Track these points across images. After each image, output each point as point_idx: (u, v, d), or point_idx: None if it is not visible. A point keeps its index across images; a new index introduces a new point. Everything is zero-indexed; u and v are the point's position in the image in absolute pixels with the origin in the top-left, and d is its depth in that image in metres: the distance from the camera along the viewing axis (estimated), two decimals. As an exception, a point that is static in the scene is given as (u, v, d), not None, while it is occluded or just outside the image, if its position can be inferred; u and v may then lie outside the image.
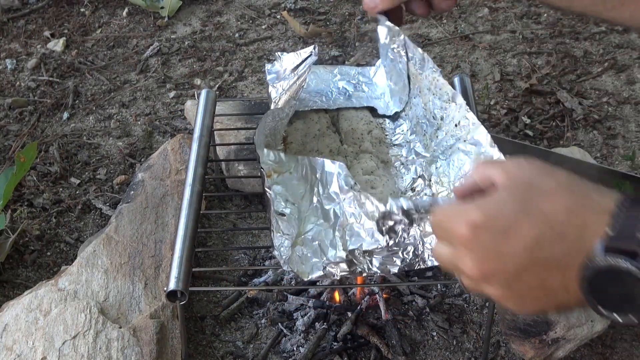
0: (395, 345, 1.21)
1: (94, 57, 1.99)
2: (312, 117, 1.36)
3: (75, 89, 1.86)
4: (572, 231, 0.59)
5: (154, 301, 1.16)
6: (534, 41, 1.96)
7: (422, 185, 1.21)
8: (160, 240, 1.26)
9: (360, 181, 1.20)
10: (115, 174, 1.60)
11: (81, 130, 1.74)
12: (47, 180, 1.58)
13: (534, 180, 0.64)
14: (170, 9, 2.13)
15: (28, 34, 2.09)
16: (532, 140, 1.63)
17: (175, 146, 1.46)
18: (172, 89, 1.85)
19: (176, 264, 1.00)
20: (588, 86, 1.80)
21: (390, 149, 1.32)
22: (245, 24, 2.11)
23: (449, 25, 2.04)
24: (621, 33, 1.97)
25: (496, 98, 1.76)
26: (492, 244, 0.62)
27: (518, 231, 0.61)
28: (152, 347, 1.08)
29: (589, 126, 1.68)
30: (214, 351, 1.20)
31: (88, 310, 1.11)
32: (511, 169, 0.67)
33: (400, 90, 1.35)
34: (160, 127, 1.73)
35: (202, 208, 1.14)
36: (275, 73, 1.36)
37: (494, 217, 0.62)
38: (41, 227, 1.47)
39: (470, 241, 0.63)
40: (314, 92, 1.40)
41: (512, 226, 0.61)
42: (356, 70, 1.46)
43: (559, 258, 0.60)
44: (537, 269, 0.60)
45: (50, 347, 1.06)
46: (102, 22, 2.14)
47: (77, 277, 1.18)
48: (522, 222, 0.61)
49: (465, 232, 0.63)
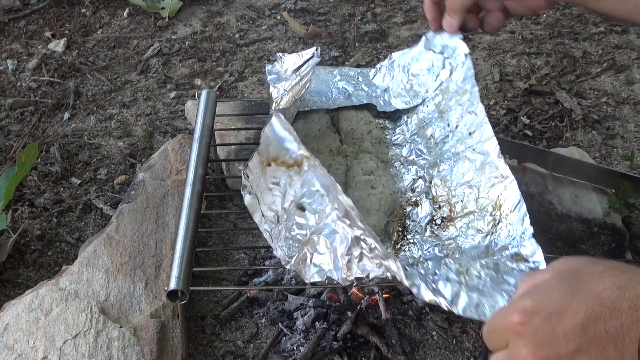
0: (395, 344, 1.21)
1: (94, 58, 1.99)
2: (312, 117, 1.36)
3: (76, 89, 1.86)
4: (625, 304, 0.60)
5: (154, 301, 1.17)
6: (533, 42, 1.96)
7: (422, 187, 1.21)
8: (160, 240, 1.27)
9: (360, 181, 1.20)
10: (116, 174, 1.61)
11: (82, 130, 1.74)
12: (48, 180, 1.59)
13: (581, 267, 0.66)
14: (170, 10, 2.13)
15: (29, 35, 2.09)
16: (531, 141, 1.63)
17: (175, 146, 1.46)
18: (173, 90, 1.86)
19: (177, 263, 1.00)
20: (587, 86, 1.80)
21: (390, 149, 1.32)
22: (245, 24, 2.11)
23: (448, 26, 2.04)
24: (620, 34, 1.97)
25: (495, 98, 1.77)
26: (546, 327, 0.62)
27: (569, 311, 0.61)
28: (152, 347, 1.09)
29: (588, 126, 1.68)
30: (214, 350, 1.21)
31: (89, 310, 1.11)
32: (556, 263, 0.69)
33: (406, 92, 1.36)
34: (160, 127, 1.74)
35: (203, 208, 1.14)
36: (276, 74, 1.36)
37: (545, 301, 0.63)
38: (42, 227, 1.47)
39: (523, 328, 0.63)
40: (314, 92, 1.40)
41: (563, 307, 0.62)
42: (356, 71, 1.47)
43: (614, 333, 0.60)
44: (592, 347, 0.61)
45: (51, 347, 1.06)
46: (102, 23, 2.14)
47: (78, 276, 1.18)
48: (573, 303, 0.62)
49: (517, 319, 0.63)
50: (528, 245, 0.98)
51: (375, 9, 2.15)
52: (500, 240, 1.03)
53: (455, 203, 1.14)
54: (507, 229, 1.03)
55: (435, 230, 1.13)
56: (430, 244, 1.11)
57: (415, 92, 1.36)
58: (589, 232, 1.30)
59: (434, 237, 1.12)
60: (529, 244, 0.98)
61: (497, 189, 1.08)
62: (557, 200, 1.35)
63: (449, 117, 1.24)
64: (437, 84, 1.32)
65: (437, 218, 1.14)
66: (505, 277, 0.93)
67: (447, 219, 1.14)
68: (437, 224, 1.14)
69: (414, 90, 1.36)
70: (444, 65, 1.31)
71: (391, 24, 2.08)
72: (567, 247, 1.28)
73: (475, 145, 1.16)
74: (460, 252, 1.06)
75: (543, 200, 1.35)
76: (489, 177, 1.11)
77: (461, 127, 1.20)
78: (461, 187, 1.15)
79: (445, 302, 0.86)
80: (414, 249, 1.12)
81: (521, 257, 0.97)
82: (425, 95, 1.33)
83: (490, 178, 1.10)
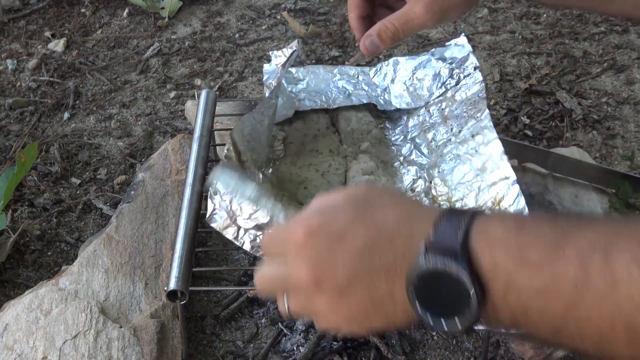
0: (395, 344, 1.21)
1: (94, 58, 1.99)
2: (311, 117, 1.36)
3: (75, 89, 1.86)
4: (400, 239, 0.61)
5: (154, 301, 1.17)
6: (534, 41, 1.96)
7: (422, 186, 1.21)
8: (160, 240, 1.27)
9: (359, 182, 1.20)
10: (116, 174, 1.61)
11: (82, 130, 1.74)
12: (47, 180, 1.59)
13: (369, 195, 0.66)
14: (170, 10, 2.13)
15: (29, 35, 2.09)
16: (531, 141, 1.63)
17: (175, 146, 1.46)
18: (173, 89, 1.86)
19: (176, 263, 1.00)
20: (587, 86, 1.80)
21: (390, 149, 1.32)
22: (245, 24, 2.11)
23: (448, 26, 2.04)
24: (620, 34, 1.97)
25: (495, 98, 1.77)
26: (327, 248, 0.62)
27: (351, 237, 0.62)
28: (152, 347, 1.09)
29: (588, 126, 1.68)
30: (214, 350, 1.21)
31: (89, 310, 1.11)
32: (351, 188, 0.71)
33: (408, 94, 1.36)
34: (160, 127, 1.74)
35: (203, 208, 1.14)
36: (268, 73, 1.36)
37: (330, 222, 0.64)
38: (42, 227, 1.47)
39: (305, 244, 0.63)
40: (314, 92, 1.40)
41: (346, 232, 0.62)
42: (356, 70, 1.47)
43: (387, 265, 0.60)
44: (366, 275, 0.61)
45: (51, 347, 1.06)
46: (102, 23, 2.14)
47: (77, 276, 1.18)
48: (356, 228, 0.62)
49: (302, 234, 0.63)
50: None
51: (375, 8, 2.15)
52: None
53: (455, 202, 1.14)
54: None
55: (435, 230, 1.13)
56: None
57: (418, 95, 1.36)
58: (589, 232, 1.30)
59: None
60: None
61: (498, 187, 1.08)
62: (557, 200, 1.35)
63: (453, 123, 1.24)
64: (442, 90, 1.32)
65: (437, 218, 1.15)
66: None
67: (447, 219, 1.14)
68: None
69: (416, 93, 1.36)
70: (452, 75, 1.31)
71: (391, 23, 2.08)
72: (568, 247, 1.27)
73: (478, 147, 1.16)
74: None
75: (543, 200, 1.35)
76: (490, 177, 1.11)
77: (464, 131, 1.21)
78: (462, 187, 1.15)
79: None
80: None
81: None
82: (428, 99, 1.34)
83: (491, 178, 1.11)
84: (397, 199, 0.67)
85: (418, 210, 0.64)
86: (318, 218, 0.64)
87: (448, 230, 0.58)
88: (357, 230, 0.62)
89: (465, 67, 1.30)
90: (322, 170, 1.24)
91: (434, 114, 1.30)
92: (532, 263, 0.55)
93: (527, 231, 0.58)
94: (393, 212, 0.63)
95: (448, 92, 1.30)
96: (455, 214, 0.60)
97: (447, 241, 0.58)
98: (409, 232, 0.61)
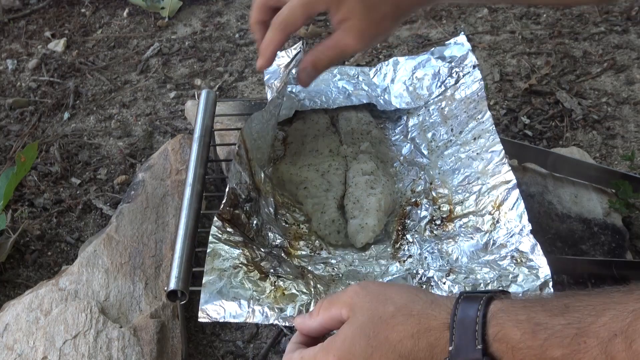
0: (395, 344, 1.21)
1: (94, 58, 1.99)
2: (311, 117, 1.36)
3: (75, 89, 1.86)
4: (421, 355, 0.62)
5: (154, 301, 1.17)
6: (534, 41, 1.96)
7: (422, 187, 1.21)
8: (160, 240, 1.27)
9: (359, 181, 1.20)
10: (116, 174, 1.61)
11: (82, 130, 1.74)
12: (47, 180, 1.59)
13: (374, 308, 0.67)
14: (170, 10, 2.13)
15: (29, 35, 2.09)
16: (531, 141, 1.63)
17: (175, 146, 1.46)
18: (173, 89, 1.86)
19: (176, 263, 1.00)
20: (587, 86, 1.80)
21: (390, 149, 1.32)
22: (245, 24, 2.11)
23: (448, 26, 2.04)
24: (620, 34, 1.97)
25: (495, 98, 1.77)
26: None
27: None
28: (152, 347, 1.09)
29: (588, 126, 1.68)
30: (214, 350, 1.21)
31: (89, 310, 1.11)
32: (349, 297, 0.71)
33: (408, 93, 1.36)
34: (160, 127, 1.74)
35: (203, 208, 1.14)
36: (270, 73, 1.36)
37: (348, 357, 0.65)
38: (42, 227, 1.47)
39: None
40: (314, 92, 1.40)
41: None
42: (356, 70, 1.47)
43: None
44: None
45: (51, 347, 1.06)
46: (102, 23, 2.14)
47: (77, 276, 1.18)
48: (374, 357, 0.64)
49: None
50: (526, 241, 0.98)
51: (375, 8, 2.15)
52: (499, 238, 1.04)
53: (455, 204, 1.14)
54: (505, 227, 1.04)
55: (434, 230, 1.13)
56: (430, 244, 1.11)
57: (418, 95, 1.36)
58: (589, 232, 1.30)
59: (434, 236, 1.12)
60: (527, 240, 0.98)
61: (498, 191, 1.08)
62: (557, 200, 1.35)
63: (453, 123, 1.24)
64: (441, 89, 1.32)
65: (437, 218, 1.14)
66: (513, 293, 0.93)
67: (446, 219, 1.14)
68: (436, 224, 1.14)
69: (416, 93, 1.36)
70: (451, 74, 1.31)
71: (391, 23, 2.08)
72: (567, 247, 1.27)
73: (479, 149, 1.16)
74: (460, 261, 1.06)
75: (543, 200, 1.35)
76: (491, 180, 1.11)
77: (465, 133, 1.20)
78: (462, 189, 1.15)
79: None
80: (413, 248, 1.12)
81: (522, 254, 0.98)
82: (427, 98, 1.34)
83: (492, 181, 1.11)
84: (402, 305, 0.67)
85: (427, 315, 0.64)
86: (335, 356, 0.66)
87: (465, 341, 0.59)
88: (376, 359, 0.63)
89: (465, 66, 1.30)
90: (322, 170, 1.24)
91: (434, 113, 1.30)
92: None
93: (544, 328, 0.58)
94: (404, 326, 0.64)
95: (447, 91, 1.30)
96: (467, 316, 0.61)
97: (469, 355, 0.59)
98: (428, 345, 0.62)
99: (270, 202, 1.16)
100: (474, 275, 0.97)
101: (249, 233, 1.05)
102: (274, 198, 1.19)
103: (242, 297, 0.92)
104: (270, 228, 1.11)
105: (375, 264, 1.10)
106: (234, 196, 1.04)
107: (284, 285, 0.95)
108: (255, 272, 0.96)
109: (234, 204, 1.04)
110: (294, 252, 1.11)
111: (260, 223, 1.09)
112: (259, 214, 1.10)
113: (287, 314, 0.91)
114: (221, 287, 0.92)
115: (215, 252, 0.96)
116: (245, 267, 0.96)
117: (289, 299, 0.93)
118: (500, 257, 0.99)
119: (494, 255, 1.01)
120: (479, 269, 0.98)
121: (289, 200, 1.22)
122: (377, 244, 1.14)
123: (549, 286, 0.91)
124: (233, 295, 0.92)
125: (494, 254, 1.01)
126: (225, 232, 1.00)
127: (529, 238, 0.98)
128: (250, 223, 1.06)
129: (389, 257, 1.12)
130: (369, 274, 1.08)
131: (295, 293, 0.94)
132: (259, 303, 0.91)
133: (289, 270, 1.00)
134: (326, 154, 1.28)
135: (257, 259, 0.99)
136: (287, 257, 1.09)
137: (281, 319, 0.90)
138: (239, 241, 1.00)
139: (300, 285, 0.96)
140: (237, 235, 1.01)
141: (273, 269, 0.98)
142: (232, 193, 1.04)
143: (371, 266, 1.10)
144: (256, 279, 0.95)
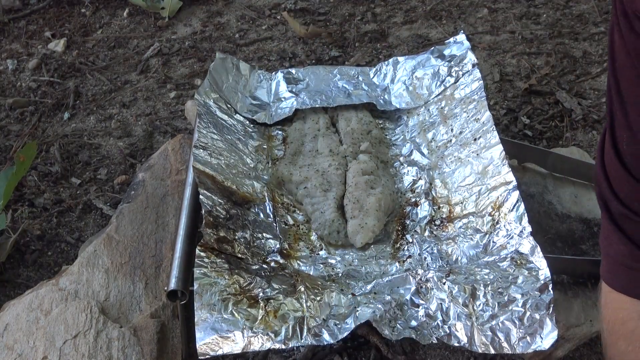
0: (395, 344, 1.21)
1: (94, 58, 1.99)
2: (311, 117, 1.36)
3: (76, 89, 1.86)
4: None
5: (154, 301, 1.17)
6: (533, 42, 1.96)
7: (422, 187, 1.21)
8: (160, 240, 1.27)
9: (359, 181, 1.20)
10: (116, 174, 1.61)
11: (82, 130, 1.74)
12: (48, 180, 1.59)
13: None
14: (170, 10, 2.13)
15: (29, 35, 2.09)
16: (531, 141, 1.63)
17: (175, 146, 1.46)
18: (173, 89, 1.86)
19: (176, 263, 1.00)
20: (587, 86, 1.80)
21: (390, 149, 1.32)
22: (245, 24, 2.11)
23: (448, 26, 2.04)
24: (620, 33, 1.97)
25: (495, 98, 1.77)
26: None
27: None
28: (152, 347, 1.09)
29: (587, 126, 1.68)
30: (214, 350, 1.21)
31: (89, 310, 1.11)
32: None
33: (408, 93, 1.36)
34: (160, 127, 1.74)
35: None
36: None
37: None
38: (42, 227, 1.47)
39: None
40: (314, 91, 1.41)
41: None
42: (356, 70, 1.47)
43: None
44: None
45: (51, 347, 1.06)
46: (102, 23, 2.14)
47: (77, 276, 1.18)
48: None
49: None
50: (526, 243, 0.98)
51: (375, 9, 2.15)
52: (499, 239, 1.03)
53: (455, 204, 1.14)
54: (505, 228, 1.04)
55: (434, 231, 1.13)
56: (429, 244, 1.11)
57: (418, 94, 1.36)
58: (589, 232, 1.30)
59: (433, 237, 1.12)
60: (527, 242, 0.98)
61: (498, 192, 1.08)
62: (557, 200, 1.35)
63: (453, 123, 1.24)
64: (441, 89, 1.32)
65: (437, 219, 1.14)
66: (513, 295, 0.93)
67: (446, 220, 1.14)
68: (436, 225, 1.14)
69: (416, 92, 1.36)
70: (450, 73, 1.32)
71: (391, 24, 2.08)
72: (567, 247, 1.27)
73: (480, 150, 1.16)
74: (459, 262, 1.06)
75: (543, 200, 1.35)
76: (491, 181, 1.11)
77: (466, 133, 1.21)
78: (462, 189, 1.15)
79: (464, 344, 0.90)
80: (412, 248, 1.12)
81: (522, 256, 0.98)
82: (427, 98, 1.34)
83: (492, 182, 1.11)
84: None
85: None
86: None
87: None
88: None
89: (464, 65, 1.30)
90: (322, 170, 1.24)
91: (434, 112, 1.30)
92: None
93: None
94: None
95: (447, 90, 1.30)
96: None
97: None
98: None
99: (268, 206, 1.17)
100: (473, 277, 0.97)
101: (238, 251, 1.04)
102: (273, 201, 1.19)
103: (235, 329, 0.92)
104: (264, 236, 1.11)
105: (374, 264, 1.10)
106: (213, 218, 1.04)
107: (274, 307, 0.95)
108: (245, 300, 0.96)
109: (214, 225, 1.04)
110: (293, 253, 1.11)
111: (249, 235, 1.09)
112: (246, 227, 1.10)
113: (282, 337, 0.91)
114: (213, 322, 0.92)
115: (203, 288, 0.96)
116: (233, 297, 0.95)
117: (282, 319, 0.93)
118: (500, 259, 0.99)
119: (493, 256, 1.01)
120: (478, 270, 0.98)
121: (289, 200, 1.22)
122: (376, 244, 1.15)
123: (549, 288, 0.91)
124: (226, 329, 0.91)
125: (494, 256, 1.01)
126: (210, 264, 0.99)
127: (529, 240, 0.98)
128: (238, 240, 1.06)
129: (389, 257, 1.12)
130: (369, 274, 1.08)
131: (287, 313, 0.94)
132: (253, 331, 0.91)
133: (278, 287, 0.99)
134: (326, 154, 1.28)
135: (245, 284, 0.98)
136: (285, 260, 1.08)
137: (277, 343, 0.91)
138: (225, 269, 0.99)
139: (291, 303, 0.96)
140: (224, 262, 1.00)
141: (262, 292, 0.97)
142: (209, 216, 1.04)
143: (371, 266, 1.10)
144: (246, 307, 0.95)
